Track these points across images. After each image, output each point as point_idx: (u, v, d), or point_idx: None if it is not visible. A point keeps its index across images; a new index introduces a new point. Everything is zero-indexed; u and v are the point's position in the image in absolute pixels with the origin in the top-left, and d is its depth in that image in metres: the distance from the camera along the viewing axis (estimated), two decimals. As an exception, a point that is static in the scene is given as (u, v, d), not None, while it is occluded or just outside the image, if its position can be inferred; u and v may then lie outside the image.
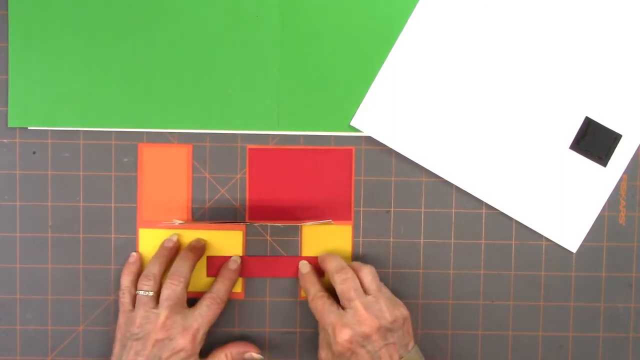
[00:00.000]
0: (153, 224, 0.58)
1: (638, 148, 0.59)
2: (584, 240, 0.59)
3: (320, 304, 0.54)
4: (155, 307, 0.54)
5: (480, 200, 0.59)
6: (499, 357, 0.60)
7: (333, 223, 0.59)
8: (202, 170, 0.59)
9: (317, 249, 0.59)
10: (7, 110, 0.58)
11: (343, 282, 0.54)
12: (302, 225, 0.59)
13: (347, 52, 0.58)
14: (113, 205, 0.58)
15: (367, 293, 0.54)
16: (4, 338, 0.59)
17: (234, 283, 0.57)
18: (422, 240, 0.59)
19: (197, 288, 0.59)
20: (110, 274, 0.59)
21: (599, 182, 0.59)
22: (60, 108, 0.58)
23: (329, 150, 0.59)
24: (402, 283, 0.59)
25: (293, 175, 0.59)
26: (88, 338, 0.58)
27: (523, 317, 0.60)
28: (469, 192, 0.59)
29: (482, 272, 0.59)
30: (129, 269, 0.57)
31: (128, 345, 0.53)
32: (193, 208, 0.59)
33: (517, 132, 0.58)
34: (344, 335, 0.52)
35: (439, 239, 0.59)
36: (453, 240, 0.59)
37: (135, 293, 0.55)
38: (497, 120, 0.58)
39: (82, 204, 0.58)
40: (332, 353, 0.54)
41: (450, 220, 0.59)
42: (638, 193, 0.59)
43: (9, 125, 0.58)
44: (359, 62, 0.58)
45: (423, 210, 0.59)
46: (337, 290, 0.54)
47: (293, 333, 0.59)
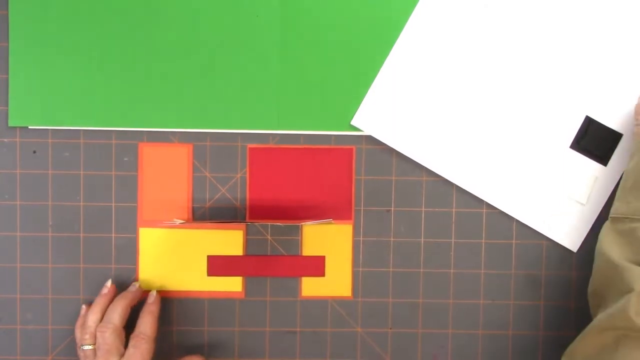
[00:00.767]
0: (153, 224, 0.58)
1: (638, 147, 0.59)
2: (584, 240, 0.59)
3: None
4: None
5: (481, 200, 0.59)
6: (499, 357, 0.60)
7: (333, 222, 0.59)
8: (202, 170, 0.59)
9: (317, 249, 0.59)
10: (7, 110, 0.58)
11: None
12: (302, 225, 0.59)
13: (347, 51, 0.58)
14: (113, 205, 0.58)
15: None
16: (4, 338, 0.58)
17: (157, 316, 0.56)
18: (422, 240, 0.59)
19: (197, 287, 0.59)
20: (111, 274, 0.59)
21: (600, 181, 0.59)
22: (60, 108, 0.58)
23: (329, 150, 0.59)
24: (402, 283, 0.59)
25: (293, 175, 0.59)
26: (88, 338, 0.59)
27: (523, 317, 0.60)
28: (469, 191, 0.59)
29: (482, 271, 0.59)
30: (97, 308, 0.56)
31: None
32: (193, 207, 0.59)
33: (517, 131, 0.58)
34: None
35: (439, 239, 0.59)
36: (453, 240, 0.59)
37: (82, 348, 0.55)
38: (497, 120, 0.58)
39: (82, 204, 0.58)
40: None
41: (451, 220, 0.59)
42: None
43: (10, 125, 0.58)
44: (359, 61, 0.58)
45: (423, 210, 0.59)
46: None
47: (293, 333, 0.59)
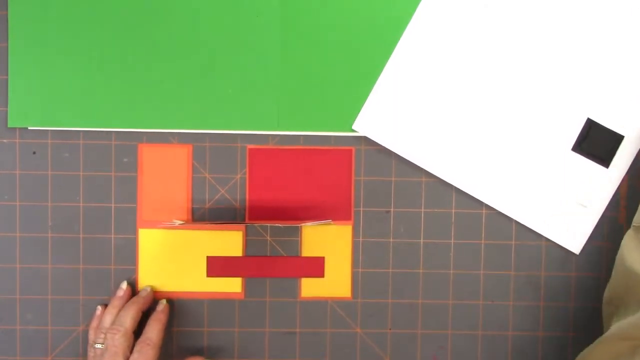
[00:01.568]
0: (153, 224, 0.58)
1: None
2: (586, 242, 0.59)
3: None
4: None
5: (480, 201, 0.59)
6: (499, 357, 0.60)
7: (333, 223, 0.59)
8: (202, 171, 0.59)
9: (317, 249, 0.59)
10: (7, 110, 0.58)
11: None
12: (302, 226, 0.59)
13: (347, 51, 0.58)
14: (113, 205, 0.58)
15: None
16: (4, 338, 0.59)
17: (164, 324, 0.56)
18: (422, 240, 0.59)
19: (197, 288, 0.59)
20: (110, 274, 0.59)
21: (602, 183, 0.58)
22: (60, 108, 0.57)
23: (329, 151, 0.59)
24: (401, 284, 0.59)
25: (293, 175, 0.59)
26: (88, 338, 0.58)
27: (523, 317, 0.60)
28: (471, 194, 0.59)
29: (482, 272, 0.59)
30: (113, 310, 0.56)
31: None
32: (193, 208, 0.59)
33: (519, 134, 0.58)
34: None
35: (439, 239, 0.59)
36: (453, 240, 0.59)
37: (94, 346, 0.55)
38: (499, 123, 0.58)
39: (82, 204, 0.58)
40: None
41: (450, 220, 0.59)
42: (638, 193, 0.59)
43: (9, 125, 0.58)
44: (359, 62, 0.58)
45: (423, 211, 0.59)
46: None
47: (293, 333, 0.59)
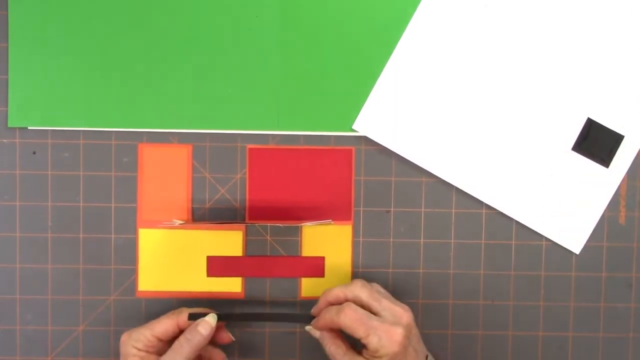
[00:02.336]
0: (153, 224, 0.58)
1: None
2: (586, 242, 0.59)
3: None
4: None
5: (481, 200, 0.59)
6: (499, 357, 0.60)
7: (333, 223, 0.59)
8: (202, 170, 0.59)
9: (317, 249, 0.59)
10: (7, 110, 0.58)
11: (352, 308, 0.50)
12: (302, 226, 0.59)
13: (346, 51, 0.58)
14: (113, 205, 0.58)
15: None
16: (4, 338, 0.59)
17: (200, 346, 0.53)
18: (422, 240, 0.59)
19: (197, 288, 0.59)
20: (110, 274, 0.59)
21: (602, 183, 0.58)
22: (60, 108, 0.57)
23: (329, 150, 0.59)
24: (402, 283, 0.59)
25: (293, 175, 0.59)
26: (88, 338, 0.59)
27: (523, 317, 0.60)
28: (472, 194, 0.59)
29: (482, 272, 0.59)
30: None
31: None
32: (193, 208, 0.59)
33: (519, 134, 0.58)
34: (397, 335, 0.49)
35: (439, 239, 0.59)
36: (453, 240, 0.59)
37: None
38: (499, 123, 0.58)
39: (82, 204, 0.58)
40: None
41: (450, 220, 0.59)
42: (638, 193, 0.59)
43: (9, 125, 0.58)
44: (359, 62, 0.58)
45: (423, 210, 0.59)
46: (354, 318, 0.50)
47: (293, 333, 0.59)
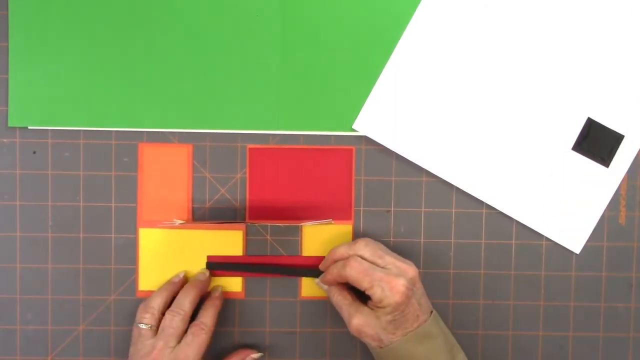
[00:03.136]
0: (153, 224, 0.58)
1: None
2: (587, 241, 0.59)
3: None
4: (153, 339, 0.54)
5: (481, 200, 0.59)
6: (499, 357, 0.60)
7: (333, 223, 0.59)
8: (202, 170, 0.59)
9: (317, 249, 0.59)
10: (7, 110, 0.58)
11: (357, 261, 0.52)
12: (302, 225, 0.59)
13: (347, 51, 0.58)
14: (113, 205, 0.58)
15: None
16: (4, 338, 0.58)
17: (219, 310, 0.57)
18: (422, 240, 0.59)
19: (197, 288, 0.59)
20: (110, 274, 0.59)
21: (602, 182, 0.58)
22: (60, 108, 0.57)
23: (329, 150, 0.59)
24: (402, 283, 0.59)
25: (293, 175, 0.59)
26: (88, 338, 0.59)
27: (523, 317, 0.60)
28: (472, 194, 0.59)
29: (482, 272, 0.59)
30: (164, 293, 0.56)
31: None
32: (193, 208, 0.59)
33: (519, 133, 0.58)
34: (400, 286, 0.51)
35: (439, 239, 0.59)
36: (453, 240, 0.59)
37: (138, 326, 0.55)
38: (499, 122, 0.58)
39: (82, 204, 0.58)
40: (370, 314, 0.52)
41: (450, 220, 0.59)
42: (638, 193, 0.59)
43: (9, 125, 0.58)
44: (359, 62, 0.58)
45: (423, 210, 0.59)
46: (359, 269, 0.52)
47: (293, 333, 0.59)
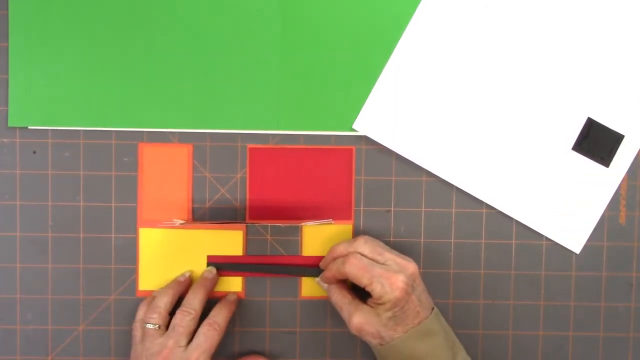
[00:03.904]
0: (153, 224, 0.58)
1: None
2: (587, 241, 0.59)
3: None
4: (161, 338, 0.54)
5: (481, 200, 0.59)
6: (499, 357, 0.60)
7: (333, 223, 0.59)
8: (202, 170, 0.59)
9: (317, 249, 0.59)
10: (7, 110, 0.58)
11: (357, 258, 0.52)
12: (302, 225, 0.59)
13: (347, 51, 0.58)
14: (113, 205, 0.58)
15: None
16: (4, 338, 0.58)
17: (232, 311, 0.57)
18: (422, 240, 0.59)
19: (197, 288, 0.59)
20: (110, 274, 0.59)
21: (602, 182, 0.58)
22: (60, 108, 0.57)
23: (329, 150, 0.59)
24: (402, 283, 0.59)
25: (293, 175, 0.59)
26: (88, 338, 0.59)
27: (523, 317, 0.60)
28: (472, 194, 0.59)
29: (482, 272, 0.59)
30: (170, 291, 0.56)
31: None
32: (193, 208, 0.59)
33: (519, 133, 0.58)
34: (399, 282, 0.50)
35: (439, 239, 0.59)
36: (453, 240, 0.59)
37: (144, 325, 0.55)
38: (499, 122, 0.58)
39: (82, 204, 0.58)
40: (370, 312, 0.52)
41: (451, 220, 0.59)
42: (638, 193, 0.59)
43: (9, 125, 0.58)
44: (359, 62, 0.58)
45: (423, 210, 0.59)
46: (359, 266, 0.52)
47: (293, 333, 0.59)
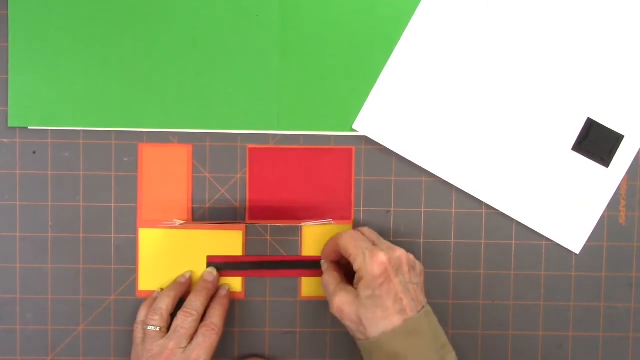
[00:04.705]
0: (153, 224, 0.58)
1: None
2: (586, 242, 0.59)
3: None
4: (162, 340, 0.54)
5: (480, 200, 0.59)
6: (499, 357, 0.60)
7: (333, 223, 0.59)
8: (202, 170, 0.59)
9: (317, 249, 0.59)
10: (7, 110, 0.58)
11: (352, 231, 0.54)
12: (302, 225, 0.59)
13: (346, 51, 0.58)
14: (113, 205, 0.58)
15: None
16: (4, 338, 0.59)
17: (227, 309, 0.57)
18: (422, 240, 0.59)
19: (197, 288, 0.59)
20: (111, 274, 0.59)
21: (602, 182, 0.58)
22: (60, 108, 0.57)
23: (329, 150, 0.59)
24: (402, 283, 0.59)
25: (293, 175, 0.59)
26: (88, 338, 0.59)
27: (523, 317, 0.60)
28: (472, 194, 0.59)
29: (482, 272, 0.59)
30: (171, 293, 0.56)
31: None
32: (193, 208, 0.59)
33: (519, 133, 0.58)
34: (381, 257, 0.50)
35: (439, 239, 0.59)
36: (453, 240, 0.59)
37: (145, 327, 0.55)
38: (499, 122, 0.58)
39: (82, 204, 0.58)
40: (352, 293, 0.52)
41: (451, 220, 0.59)
42: (638, 193, 0.59)
43: (9, 125, 0.58)
44: (359, 62, 0.58)
45: (423, 210, 0.59)
46: (351, 237, 0.53)
47: (293, 333, 0.59)
